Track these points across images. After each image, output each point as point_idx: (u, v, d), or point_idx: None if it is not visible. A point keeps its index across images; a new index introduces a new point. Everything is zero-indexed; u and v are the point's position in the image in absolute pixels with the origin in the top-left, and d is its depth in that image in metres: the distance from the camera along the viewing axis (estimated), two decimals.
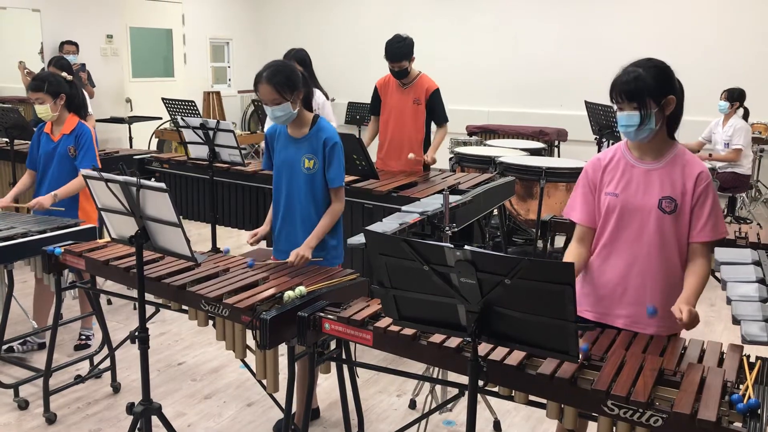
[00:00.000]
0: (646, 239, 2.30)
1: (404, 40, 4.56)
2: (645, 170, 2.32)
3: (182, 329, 4.47)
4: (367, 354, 3.38)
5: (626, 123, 2.23)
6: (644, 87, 2.20)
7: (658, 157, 2.32)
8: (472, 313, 1.79)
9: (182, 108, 7.61)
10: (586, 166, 2.45)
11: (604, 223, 2.38)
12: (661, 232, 2.28)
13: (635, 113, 2.21)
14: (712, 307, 4.97)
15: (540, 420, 3.37)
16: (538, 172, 4.96)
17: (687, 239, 2.30)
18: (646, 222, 2.29)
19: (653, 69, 2.23)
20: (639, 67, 2.23)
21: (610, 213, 2.35)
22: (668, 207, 2.27)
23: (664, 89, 2.23)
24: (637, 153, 2.35)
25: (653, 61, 2.26)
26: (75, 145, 3.84)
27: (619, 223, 2.34)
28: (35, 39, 8.50)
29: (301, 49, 4.71)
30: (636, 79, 2.20)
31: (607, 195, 2.36)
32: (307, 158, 2.99)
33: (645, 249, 2.31)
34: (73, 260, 3.17)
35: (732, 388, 1.88)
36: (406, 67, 4.60)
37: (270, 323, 2.37)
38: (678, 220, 2.28)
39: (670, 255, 2.31)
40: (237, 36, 11.49)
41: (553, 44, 9.37)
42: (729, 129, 6.60)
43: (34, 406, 3.48)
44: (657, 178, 2.30)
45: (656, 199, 2.28)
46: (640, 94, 2.20)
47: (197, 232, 6.47)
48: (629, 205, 2.31)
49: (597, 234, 2.41)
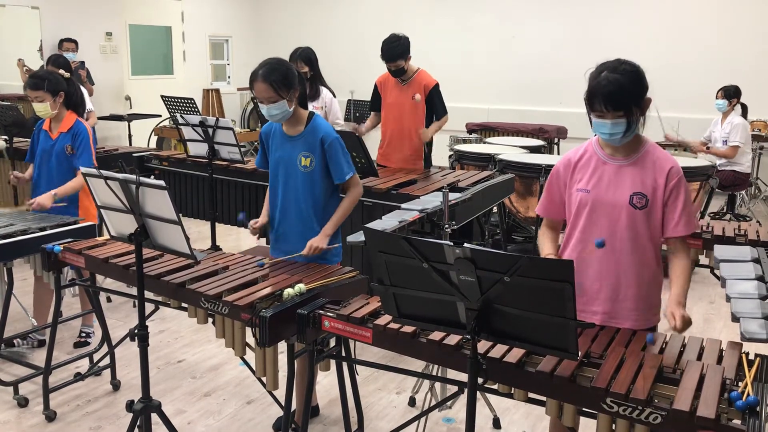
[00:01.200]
0: (618, 235, 2.31)
1: (399, 40, 4.59)
2: (616, 167, 2.33)
3: (182, 327, 4.47)
4: (367, 351, 3.38)
5: (611, 131, 2.22)
6: (630, 95, 2.18)
7: (629, 153, 2.32)
8: (471, 310, 1.80)
9: (181, 105, 7.61)
10: (557, 164, 2.47)
11: (575, 219, 2.39)
12: (633, 228, 2.29)
13: (621, 121, 2.20)
14: (712, 304, 4.97)
15: (539, 417, 3.37)
16: (538, 169, 4.96)
17: (660, 234, 2.32)
18: (618, 218, 2.30)
19: (630, 74, 2.20)
20: (616, 73, 2.19)
21: (582, 209, 2.36)
22: (639, 203, 2.28)
23: (643, 93, 2.24)
24: (608, 150, 2.35)
25: (626, 63, 2.23)
26: (72, 144, 3.84)
27: (590, 219, 2.35)
28: (34, 36, 8.50)
29: (307, 48, 4.71)
30: (620, 88, 2.17)
31: (578, 191, 2.37)
32: (304, 156, 2.98)
33: (618, 245, 2.32)
34: (73, 258, 3.17)
35: (731, 386, 1.88)
36: (402, 66, 4.64)
37: (269, 321, 2.37)
38: (649, 216, 2.29)
39: (643, 250, 2.32)
40: (236, 33, 11.49)
41: (553, 42, 9.37)
42: (727, 126, 6.59)
43: (34, 403, 3.48)
44: (628, 174, 2.30)
45: (627, 195, 2.29)
46: (627, 104, 2.18)
47: (197, 229, 6.47)
48: (601, 201, 2.32)
49: (569, 230, 2.44)
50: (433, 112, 4.78)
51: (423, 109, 4.75)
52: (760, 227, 3.68)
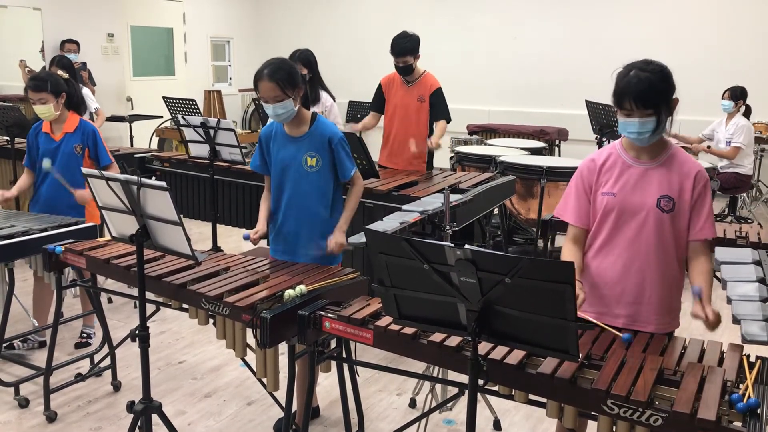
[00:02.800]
0: (645, 238, 2.30)
1: (410, 37, 4.62)
2: (642, 170, 2.32)
3: (182, 328, 4.47)
4: (368, 353, 3.38)
5: (639, 129, 2.21)
6: (659, 94, 2.19)
7: (654, 156, 2.32)
8: (472, 312, 1.79)
9: (183, 107, 7.61)
10: (580, 167, 2.44)
11: (601, 222, 2.37)
12: (660, 231, 2.29)
13: (650, 119, 2.20)
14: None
15: (540, 419, 3.37)
16: (539, 171, 4.96)
17: (684, 237, 2.31)
18: (645, 221, 2.29)
19: (660, 73, 2.21)
20: (646, 72, 2.20)
21: (608, 213, 2.35)
22: (666, 206, 2.28)
23: (671, 92, 2.24)
24: (633, 153, 2.35)
25: (654, 63, 2.24)
26: (82, 144, 3.85)
27: (617, 222, 2.34)
28: (36, 38, 8.51)
29: (306, 50, 4.70)
30: (650, 86, 2.17)
31: (604, 195, 2.35)
32: (309, 156, 2.99)
33: (643, 248, 2.31)
34: (74, 259, 3.17)
35: (732, 388, 1.88)
36: (410, 63, 4.64)
37: (270, 322, 2.37)
38: (676, 219, 2.29)
39: (668, 253, 2.31)
40: (238, 35, 11.49)
41: (554, 43, 9.37)
42: (732, 127, 6.58)
43: (35, 404, 3.48)
44: (655, 177, 2.30)
45: (654, 198, 2.28)
46: (656, 101, 2.19)
47: (198, 230, 6.47)
48: (627, 204, 2.31)
49: (594, 233, 2.41)
50: (434, 114, 4.77)
51: (427, 111, 4.75)
52: (761, 229, 3.67)
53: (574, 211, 2.43)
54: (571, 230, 2.46)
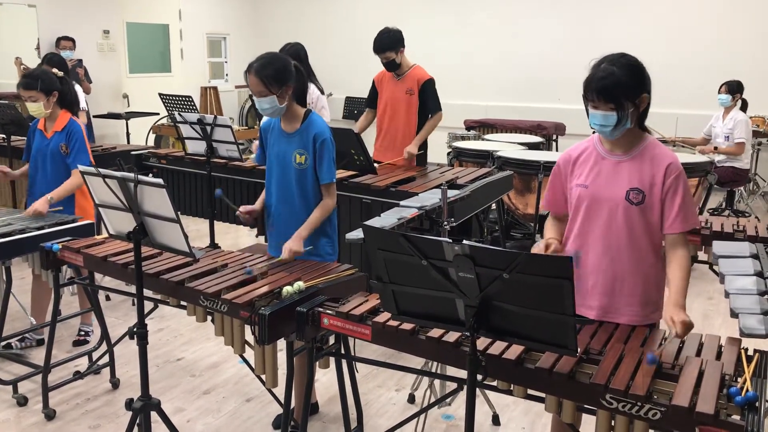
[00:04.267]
0: (615, 230, 2.32)
1: (389, 32, 4.64)
2: (614, 162, 2.33)
3: (181, 325, 4.47)
4: (366, 349, 3.39)
5: (602, 123, 2.23)
6: (621, 88, 2.19)
7: (628, 149, 2.33)
8: (470, 307, 1.80)
9: (179, 103, 7.59)
10: (558, 160, 2.49)
11: (574, 214, 2.41)
12: (630, 224, 2.30)
13: (612, 113, 2.21)
14: (710, 300, 4.98)
15: (539, 414, 3.37)
16: (536, 166, 4.96)
17: (659, 230, 2.31)
18: (615, 213, 2.31)
19: (628, 67, 2.21)
20: (613, 65, 2.20)
21: (580, 204, 2.37)
22: (636, 198, 2.28)
23: (639, 88, 2.23)
24: (607, 146, 2.37)
25: (626, 57, 2.24)
26: (67, 143, 3.83)
27: (588, 214, 2.36)
28: (31, 35, 8.47)
29: (297, 44, 4.68)
30: (613, 80, 2.18)
31: (577, 186, 2.38)
32: (299, 153, 2.98)
33: (614, 240, 2.32)
34: (71, 256, 3.17)
35: (730, 381, 1.89)
36: (393, 58, 4.66)
37: (269, 318, 2.37)
38: (647, 212, 2.29)
39: (640, 246, 2.32)
40: (234, 31, 11.46)
41: (551, 39, 9.36)
42: (729, 122, 6.59)
43: (33, 402, 3.48)
44: (626, 169, 2.31)
45: (624, 191, 2.29)
46: (617, 96, 2.19)
47: (195, 227, 6.47)
48: (598, 196, 2.33)
49: (569, 225, 2.45)
50: (424, 107, 4.78)
51: (416, 104, 4.76)
52: (758, 223, 3.68)
53: (551, 203, 2.52)
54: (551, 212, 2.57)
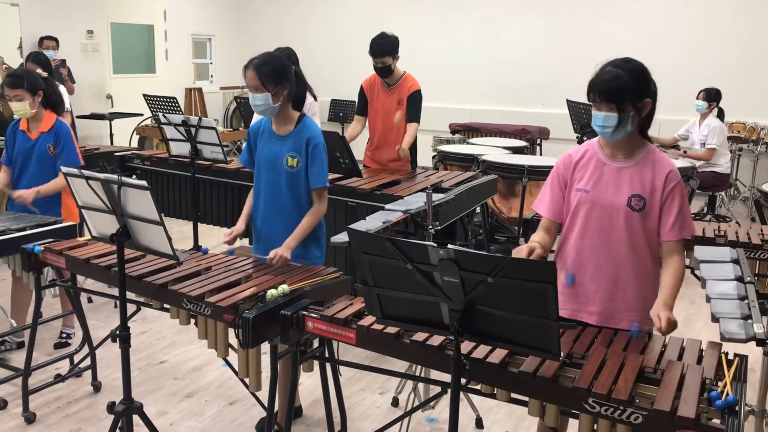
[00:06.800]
0: (616, 236, 2.33)
1: (389, 38, 4.64)
2: (616, 168, 2.35)
3: (164, 328, 4.44)
4: (350, 352, 3.38)
5: (603, 123, 2.26)
6: (624, 90, 2.22)
7: (629, 155, 2.35)
8: (454, 311, 1.80)
9: (164, 104, 7.55)
10: (557, 162, 2.49)
11: (573, 218, 2.41)
12: (631, 230, 2.32)
13: (613, 115, 2.23)
14: (692, 304, 5.02)
15: (522, 417, 3.39)
16: (521, 170, 4.98)
17: (658, 236, 2.33)
18: (615, 219, 2.32)
19: (633, 71, 2.25)
20: (619, 68, 2.24)
21: (580, 209, 2.38)
22: (637, 205, 2.30)
23: (642, 92, 2.26)
24: (608, 151, 2.38)
25: (632, 62, 2.28)
26: (55, 143, 3.81)
27: (588, 219, 2.37)
28: (14, 34, 8.38)
29: (288, 48, 4.66)
30: (617, 81, 2.22)
31: (577, 191, 2.39)
32: (291, 156, 2.98)
33: (615, 246, 2.34)
34: (54, 258, 3.14)
35: (711, 386, 1.90)
36: (389, 63, 4.64)
37: (252, 322, 2.36)
38: (646, 218, 2.31)
39: (640, 251, 2.34)
40: (219, 32, 11.43)
41: (536, 43, 9.42)
42: (705, 129, 6.69)
43: (13, 405, 3.44)
44: (627, 176, 2.33)
45: (626, 197, 2.31)
46: (620, 97, 2.22)
47: (179, 229, 6.43)
48: (599, 201, 2.35)
49: (567, 230, 2.45)
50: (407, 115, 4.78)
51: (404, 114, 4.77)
52: (739, 228, 3.72)
53: (549, 205, 2.49)
54: (543, 221, 2.52)
